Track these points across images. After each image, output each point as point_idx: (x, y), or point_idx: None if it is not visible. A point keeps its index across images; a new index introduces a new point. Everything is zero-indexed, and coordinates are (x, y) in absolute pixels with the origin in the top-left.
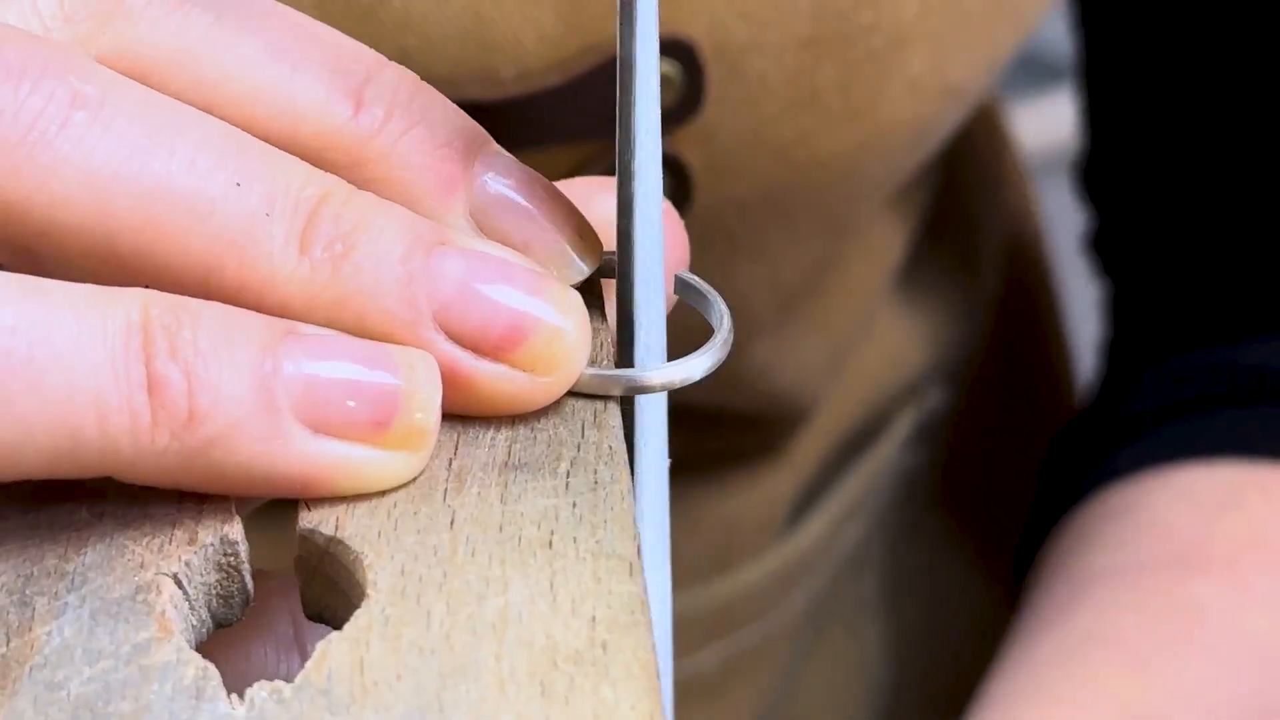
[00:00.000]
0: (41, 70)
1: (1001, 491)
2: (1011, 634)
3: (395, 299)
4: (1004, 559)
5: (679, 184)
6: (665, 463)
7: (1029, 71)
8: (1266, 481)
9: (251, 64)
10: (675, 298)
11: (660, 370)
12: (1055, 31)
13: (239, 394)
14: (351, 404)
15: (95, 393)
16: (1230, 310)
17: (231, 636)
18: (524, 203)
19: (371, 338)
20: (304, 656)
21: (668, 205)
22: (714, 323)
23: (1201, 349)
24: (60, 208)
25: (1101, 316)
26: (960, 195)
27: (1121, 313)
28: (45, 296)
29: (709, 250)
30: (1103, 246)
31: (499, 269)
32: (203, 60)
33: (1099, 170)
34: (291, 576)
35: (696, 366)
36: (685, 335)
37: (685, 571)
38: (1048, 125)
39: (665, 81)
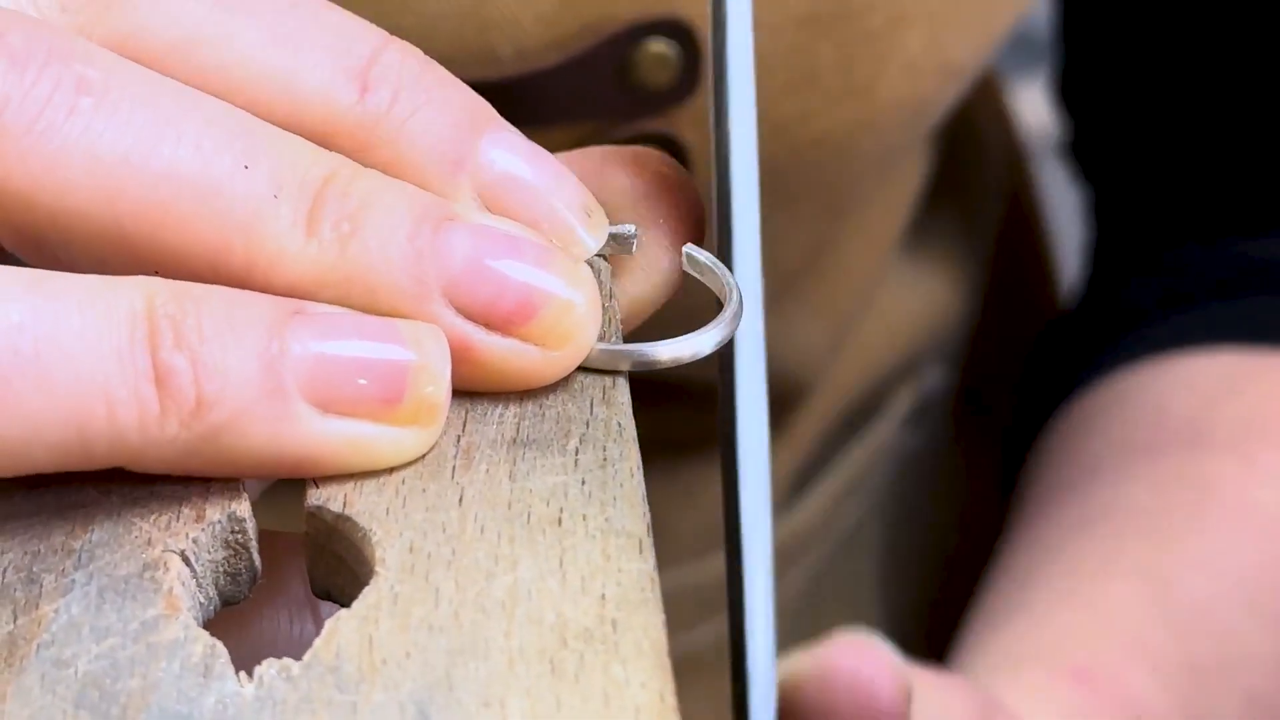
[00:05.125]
0: (46, 56)
1: (1000, 472)
2: (1020, 507)
3: (404, 276)
4: (1003, 539)
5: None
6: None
7: (1029, 51)
8: (1266, 366)
9: (253, 50)
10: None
11: (669, 345)
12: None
13: (246, 378)
14: (361, 381)
15: (103, 386)
16: (1213, 206)
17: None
18: (531, 179)
19: (383, 315)
20: (317, 617)
21: (686, 177)
22: (723, 297)
23: (1190, 242)
24: (68, 195)
25: (1084, 221)
26: (958, 172)
27: (1104, 214)
28: (50, 290)
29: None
30: (1081, 151)
31: (507, 243)
32: (203, 48)
33: (1076, 77)
34: (298, 535)
35: (706, 341)
36: (688, 313)
37: (682, 547)
38: (1048, 104)
39: (661, 61)
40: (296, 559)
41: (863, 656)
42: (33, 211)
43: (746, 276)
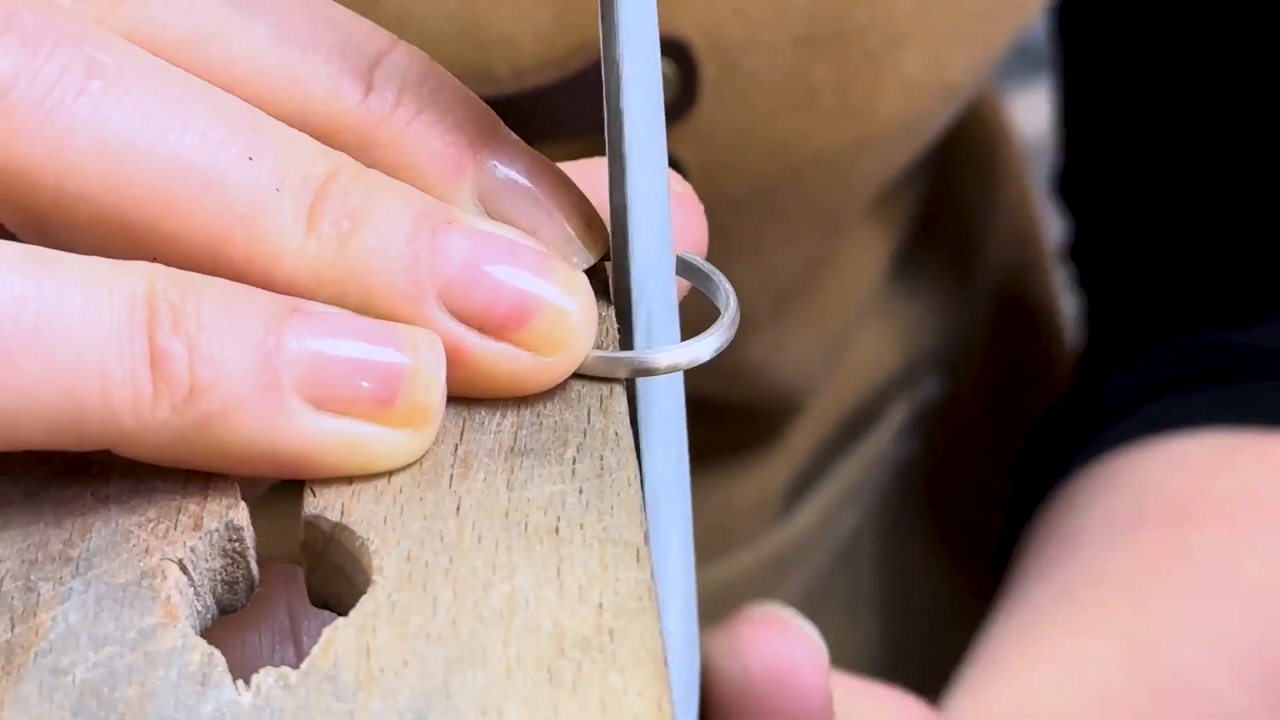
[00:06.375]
0: (58, 38)
1: (997, 481)
2: (1005, 585)
3: (400, 276)
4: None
5: None
6: (684, 443)
7: (1027, 60)
8: (1256, 446)
9: (261, 46)
10: (686, 284)
11: (667, 351)
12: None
13: (240, 370)
14: (355, 381)
15: (99, 364)
16: (1204, 305)
17: (228, 623)
18: (531, 188)
19: (377, 315)
20: (299, 647)
21: (688, 189)
22: (719, 304)
23: (1177, 333)
24: (73, 176)
25: (1078, 329)
26: (956, 184)
27: (1096, 325)
28: (54, 267)
29: None
30: (1079, 257)
31: (505, 249)
32: (212, 43)
33: (1076, 180)
34: (290, 565)
35: (704, 348)
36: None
37: None
38: (1046, 115)
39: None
40: (286, 587)
41: (776, 634)
42: (36, 191)
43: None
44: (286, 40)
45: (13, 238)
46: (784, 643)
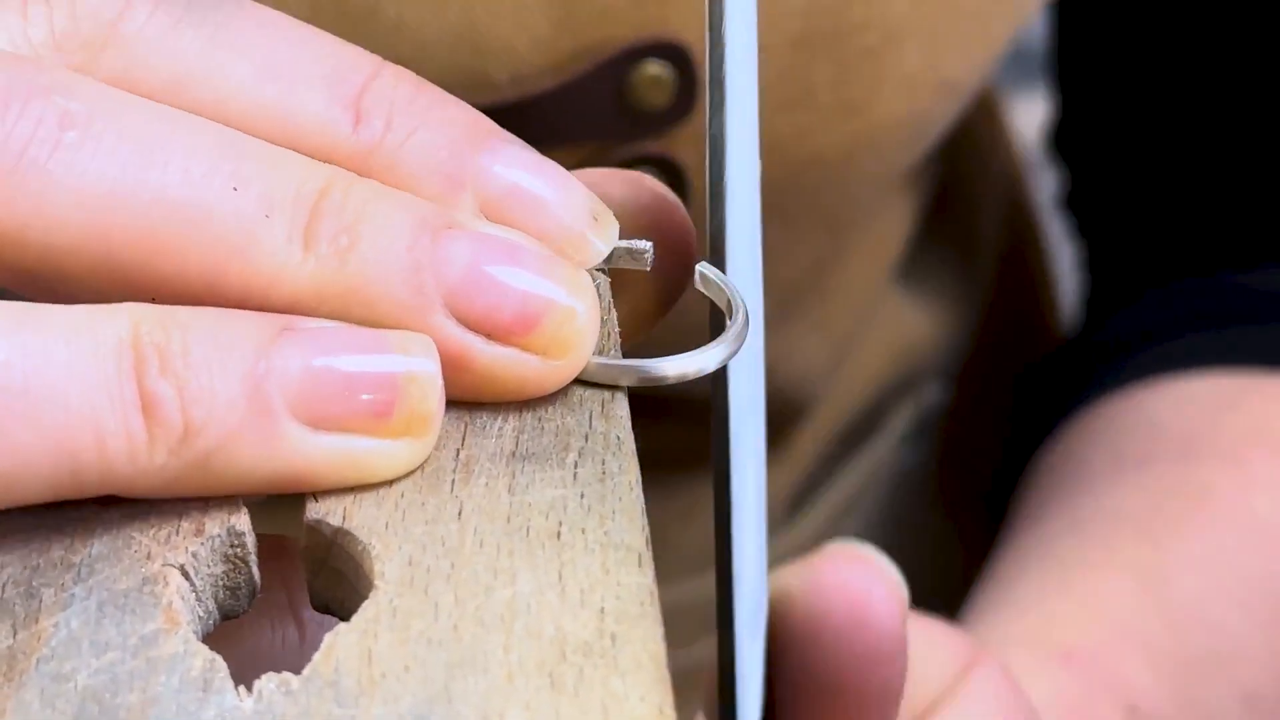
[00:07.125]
0: (28, 92)
1: (1000, 487)
2: (1010, 519)
3: (403, 287)
4: (992, 553)
5: (674, 184)
6: (763, 439)
7: (1027, 66)
8: (1264, 387)
9: (247, 84)
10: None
11: (675, 360)
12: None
13: (232, 401)
14: (350, 395)
15: (91, 418)
16: (1205, 248)
17: None
18: (536, 189)
19: (383, 327)
20: (299, 621)
21: (677, 201)
22: (728, 314)
23: (1179, 277)
24: (57, 232)
25: (1079, 275)
26: (959, 189)
27: (1098, 267)
28: (36, 324)
29: None
30: (1077, 204)
31: (507, 251)
32: (199, 84)
33: (1071, 130)
34: (281, 537)
35: (712, 357)
36: (692, 329)
37: (682, 562)
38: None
39: (657, 83)
40: (275, 564)
41: (856, 568)
42: (24, 250)
43: (746, 294)
44: (273, 76)
45: (5, 292)
46: (864, 578)
